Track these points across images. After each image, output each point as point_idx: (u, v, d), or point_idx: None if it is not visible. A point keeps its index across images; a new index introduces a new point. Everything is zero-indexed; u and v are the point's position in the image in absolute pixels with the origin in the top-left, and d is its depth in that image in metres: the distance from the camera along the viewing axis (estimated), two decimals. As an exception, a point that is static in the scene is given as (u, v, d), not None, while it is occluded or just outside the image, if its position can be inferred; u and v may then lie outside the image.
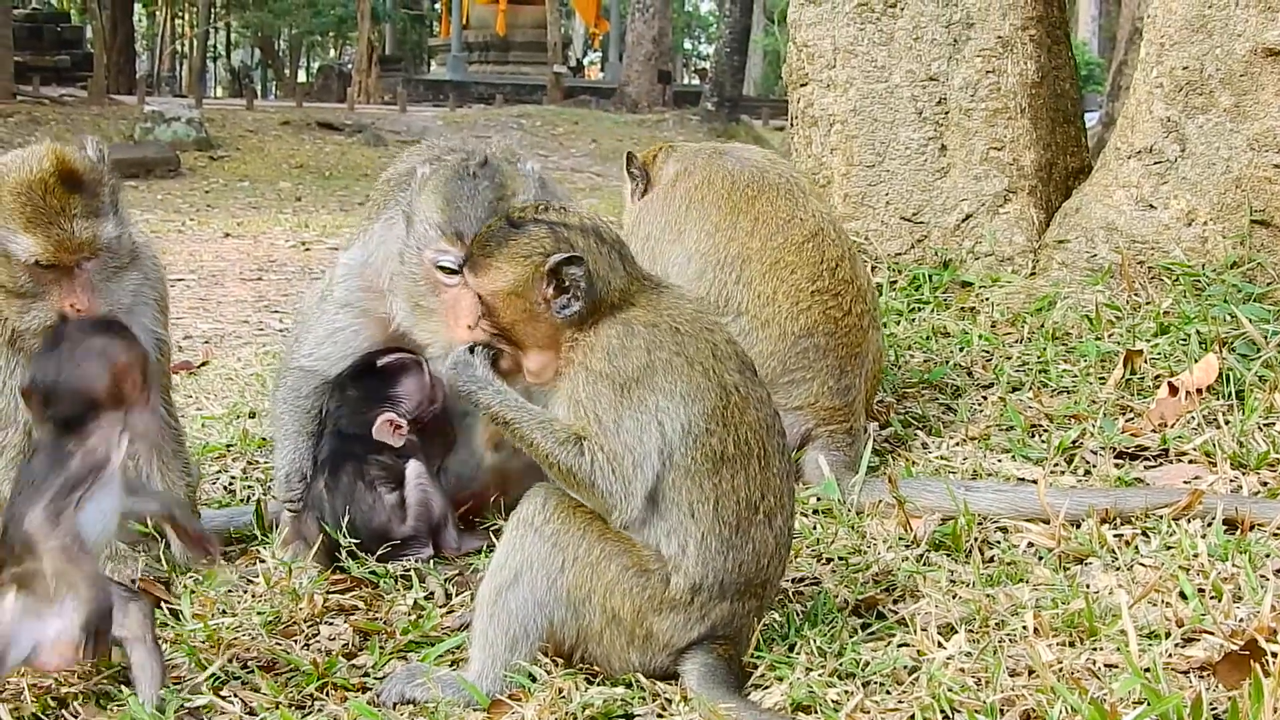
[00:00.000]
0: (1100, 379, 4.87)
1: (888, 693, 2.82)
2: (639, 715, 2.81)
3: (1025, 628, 3.03)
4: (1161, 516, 3.73)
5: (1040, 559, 3.57)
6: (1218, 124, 5.35)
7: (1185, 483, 4.01)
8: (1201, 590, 3.20)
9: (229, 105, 34.54)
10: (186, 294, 9.91)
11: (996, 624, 3.10)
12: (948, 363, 5.23)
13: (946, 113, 5.99)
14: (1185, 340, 4.92)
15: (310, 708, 2.95)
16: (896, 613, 3.23)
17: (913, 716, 2.69)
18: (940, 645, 2.99)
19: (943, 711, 2.69)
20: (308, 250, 13.07)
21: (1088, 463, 4.31)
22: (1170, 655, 2.89)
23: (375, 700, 2.93)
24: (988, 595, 3.26)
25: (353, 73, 41.97)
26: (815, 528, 3.90)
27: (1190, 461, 4.21)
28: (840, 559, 3.63)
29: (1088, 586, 3.31)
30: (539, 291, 2.92)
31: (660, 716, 2.81)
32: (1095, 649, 2.94)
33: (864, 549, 3.71)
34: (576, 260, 2.89)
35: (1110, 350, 5.01)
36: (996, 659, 2.87)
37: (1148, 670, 2.71)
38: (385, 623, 3.37)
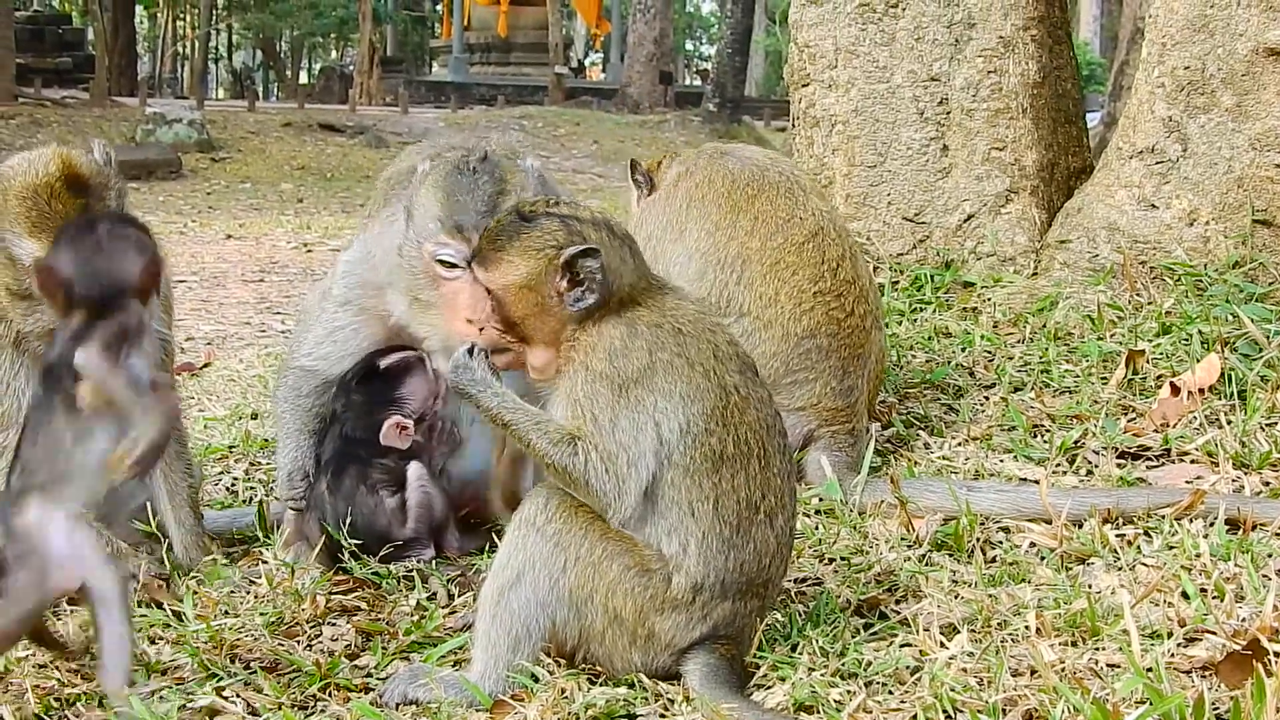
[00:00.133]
0: (1102, 379, 4.87)
1: (890, 693, 2.82)
2: (641, 715, 2.81)
3: (1027, 628, 3.03)
4: (1164, 516, 3.73)
5: (1042, 559, 3.57)
6: (1220, 124, 5.35)
7: (1187, 483, 4.01)
8: (1204, 590, 3.20)
9: (231, 107, 34.54)
10: (188, 295, 9.91)
11: (999, 624, 3.10)
12: (950, 363, 5.23)
13: (948, 113, 5.99)
14: (1187, 340, 4.92)
15: (313, 708, 2.95)
16: (899, 613, 3.23)
17: (915, 716, 2.69)
18: (943, 645, 2.99)
19: (945, 711, 2.69)
20: (309, 252, 13.08)
21: (1090, 463, 4.31)
22: (1172, 655, 2.89)
23: (378, 701, 2.93)
24: (990, 595, 3.26)
25: (354, 74, 41.99)
26: (817, 528, 3.90)
27: (1192, 461, 4.21)
28: (842, 559, 3.63)
29: (1090, 586, 3.31)
30: (552, 284, 2.92)
31: (663, 717, 2.81)
32: (1097, 649, 2.94)
33: (866, 549, 3.71)
34: (592, 252, 2.90)
35: (1112, 350, 5.01)
36: (999, 659, 2.87)
37: (1150, 670, 2.71)
38: (388, 623, 3.37)
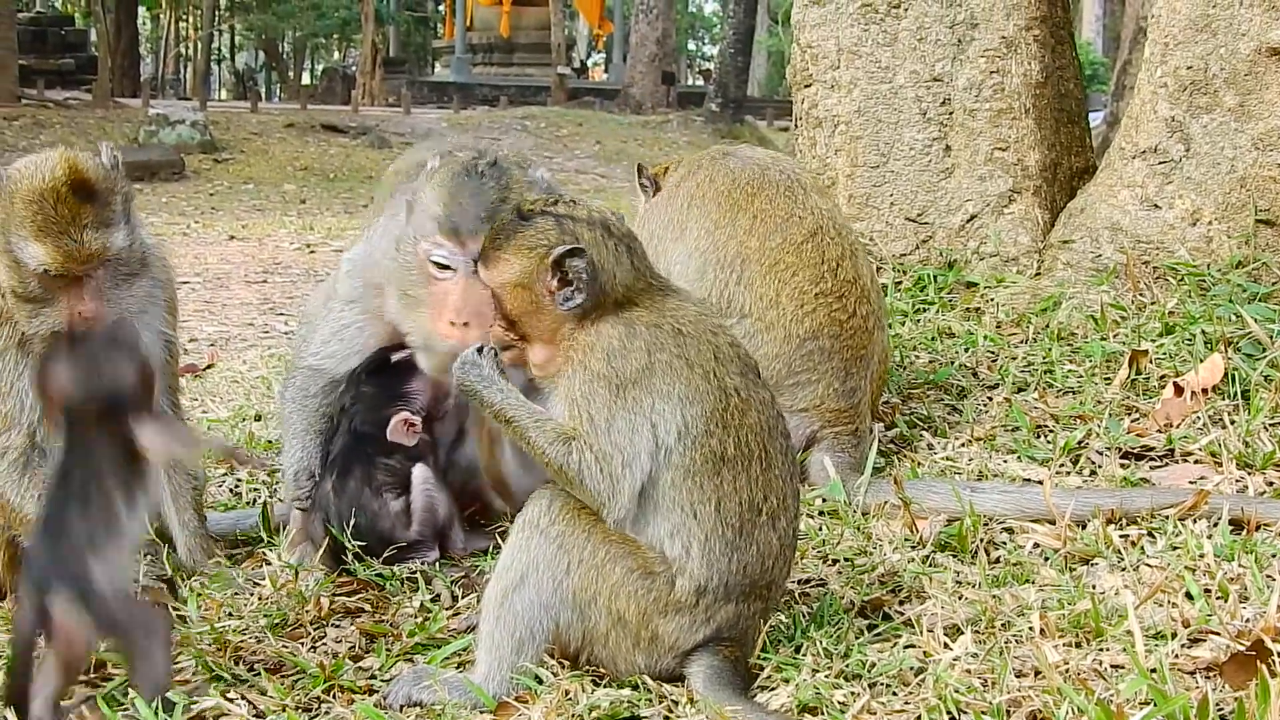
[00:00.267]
0: (1105, 379, 4.87)
1: (894, 694, 2.82)
2: (645, 717, 2.81)
3: (1031, 628, 3.03)
4: (1167, 517, 3.72)
5: (1046, 560, 3.57)
6: (1222, 123, 5.35)
7: (1191, 483, 4.00)
8: (1207, 590, 3.20)
9: (233, 108, 34.54)
10: (192, 297, 9.91)
11: (1002, 625, 3.10)
12: (953, 363, 5.22)
13: (951, 113, 5.99)
14: (1190, 340, 4.92)
15: (317, 710, 2.95)
16: (903, 614, 3.23)
17: (919, 717, 2.69)
18: (946, 646, 2.99)
19: (949, 713, 2.69)
20: (312, 253, 13.08)
21: (1093, 463, 4.31)
22: (1176, 656, 2.88)
23: (382, 702, 2.93)
24: (994, 596, 3.26)
25: (357, 75, 42.02)
26: (821, 529, 3.90)
27: (1196, 462, 4.21)
28: (846, 560, 3.63)
29: (1094, 587, 3.31)
30: (543, 283, 2.94)
31: (667, 719, 2.81)
32: (1101, 650, 2.94)
33: (870, 550, 3.71)
34: (579, 252, 2.91)
35: (1115, 350, 5.01)
36: (1003, 660, 2.87)
37: (1154, 671, 2.71)
38: (392, 625, 3.38)
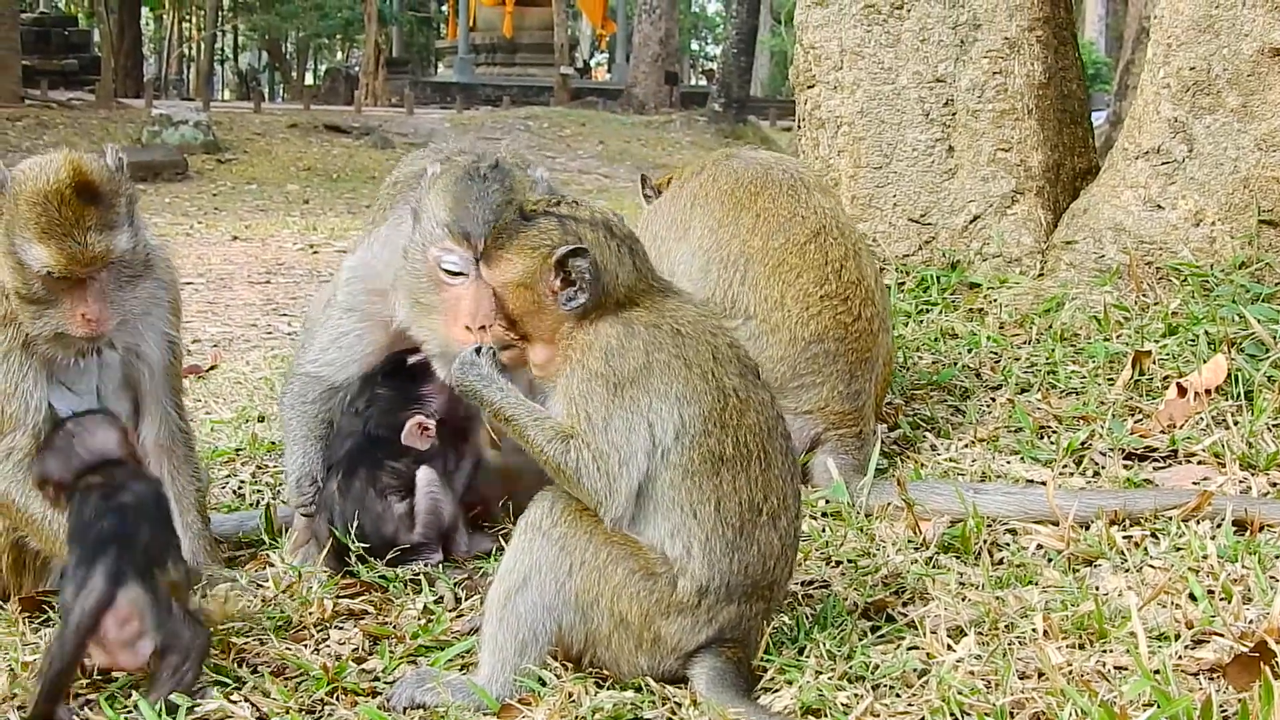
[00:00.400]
0: (1109, 380, 4.86)
1: (897, 695, 2.82)
2: (648, 719, 2.81)
3: (1035, 630, 3.03)
4: (1171, 518, 3.72)
5: (1049, 561, 3.57)
6: (1225, 124, 5.35)
7: (1194, 484, 4.00)
8: (1211, 592, 3.20)
9: (236, 108, 34.57)
10: (195, 297, 9.91)
11: (1006, 626, 3.10)
12: (956, 364, 5.22)
13: (954, 114, 5.99)
14: (1194, 341, 4.91)
15: (320, 712, 2.95)
16: (906, 615, 3.23)
17: (922, 719, 2.69)
18: (950, 648, 2.99)
19: (952, 714, 2.69)
20: (316, 253, 13.09)
21: (1096, 464, 4.30)
22: (1180, 657, 2.88)
23: (385, 705, 2.94)
24: (997, 598, 3.26)
25: (360, 75, 42.02)
26: (824, 530, 3.90)
27: (1199, 463, 4.21)
28: (849, 562, 3.63)
29: (1097, 588, 3.31)
30: (546, 283, 2.95)
31: (670, 720, 2.82)
32: (1105, 651, 2.94)
33: (873, 552, 3.71)
34: (582, 252, 2.91)
35: (1118, 351, 5.01)
36: (1006, 661, 2.87)
37: (1157, 672, 2.71)
38: (395, 627, 3.38)
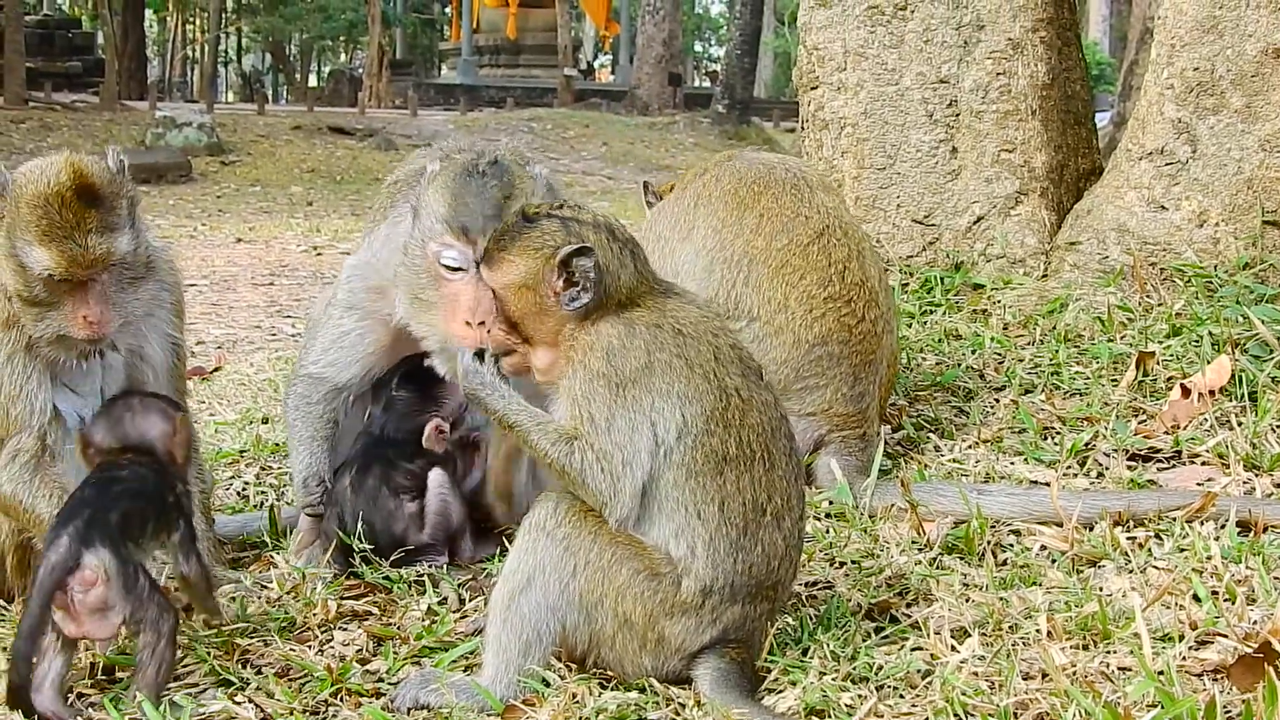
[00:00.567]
0: (1113, 381, 4.86)
1: (901, 696, 2.82)
2: (652, 720, 2.81)
3: (1038, 631, 3.03)
4: (1174, 519, 3.72)
5: (1053, 562, 3.57)
6: (1229, 125, 5.34)
7: (1198, 485, 4.00)
8: (1215, 593, 3.20)
9: (240, 110, 34.59)
10: (199, 299, 9.93)
11: (1010, 627, 3.10)
12: (960, 365, 5.22)
13: (957, 115, 5.99)
14: (1197, 342, 4.91)
15: (324, 713, 2.96)
16: (910, 616, 3.23)
17: (926, 720, 2.70)
18: (953, 649, 2.99)
19: (956, 715, 2.69)
20: (319, 255, 13.10)
21: (1100, 465, 4.30)
22: (1184, 658, 2.89)
23: (389, 706, 2.94)
24: (1001, 599, 3.26)
25: (363, 77, 42.04)
26: (828, 532, 3.90)
27: (1203, 463, 4.21)
28: (853, 563, 3.63)
29: (1101, 589, 3.31)
30: (549, 284, 2.95)
31: (674, 721, 2.82)
32: (1109, 652, 2.94)
33: (877, 553, 3.71)
34: (586, 251, 2.92)
35: (1122, 352, 5.01)
36: (1010, 662, 2.87)
37: (1161, 673, 2.71)
38: (399, 628, 3.38)
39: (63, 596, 2.91)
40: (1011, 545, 3.73)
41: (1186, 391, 4.53)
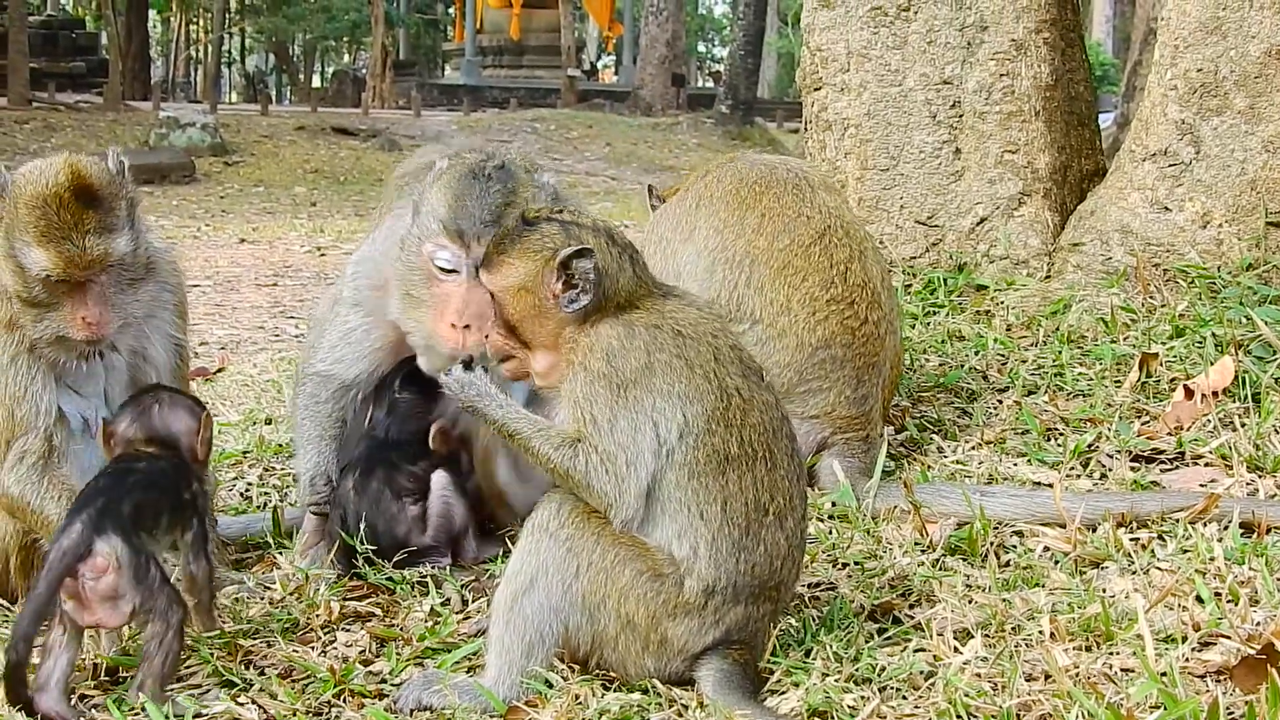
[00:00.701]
0: (1116, 382, 4.86)
1: (904, 698, 2.82)
2: (655, 721, 2.81)
3: (1041, 632, 3.03)
4: (1178, 520, 3.72)
5: (1056, 563, 3.56)
6: (1232, 126, 5.34)
7: (1201, 486, 4.00)
8: (1218, 594, 3.20)
9: (244, 111, 34.61)
10: (202, 300, 9.93)
11: (1013, 629, 3.10)
12: (963, 366, 5.22)
13: (961, 116, 5.99)
14: (1201, 343, 4.91)
15: (327, 714, 2.96)
16: (913, 618, 3.23)
17: (929, 722, 2.70)
18: (956, 650, 2.99)
19: (959, 716, 2.69)
20: (323, 255, 13.11)
21: (1104, 466, 4.30)
22: (1187, 659, 2.88)
23: (392, 707, 2.94)
24: (1004, 600, 3.26)
25: (367, 78, 42.06)
26: (831, 533, 3.90)
27: (1206, 465, 4.21)
28: (856, 564, 3.63)
29: (1104, 591, 3.31)
30: (548, 286, 2.95)
31: (676, 722, 2.82)
32: (1112, 653, 2.94)
33: (880, 554, 3.71)
34: (586, 253, 2.93)
35: (1126, 353, 5.00)
36: (1013, 664, 2.87)
37: (1164, 675, 2.71)
38: (402, 629, 3.38)
39: (73, 583, 2.92)
40: (1014, 546, 3.73)
41: (1190, 393, 4.52)
